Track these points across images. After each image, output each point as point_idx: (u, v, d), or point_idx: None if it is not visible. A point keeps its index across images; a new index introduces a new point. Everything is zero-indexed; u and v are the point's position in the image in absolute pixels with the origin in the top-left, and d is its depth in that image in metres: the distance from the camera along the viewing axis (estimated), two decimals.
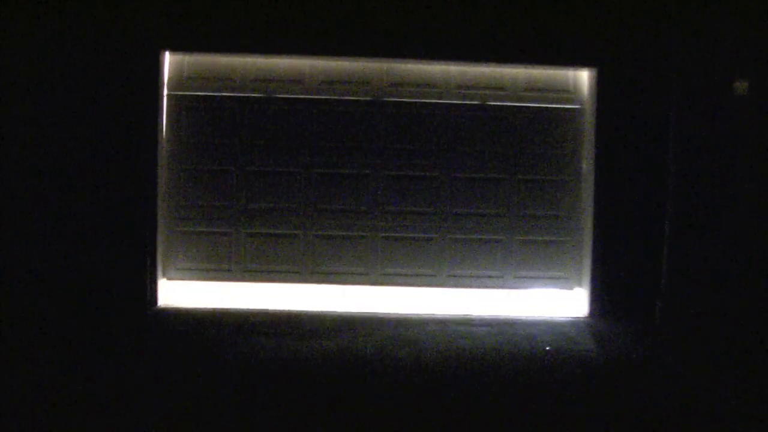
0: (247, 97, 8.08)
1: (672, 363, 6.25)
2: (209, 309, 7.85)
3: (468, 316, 7.93)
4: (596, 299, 7.90)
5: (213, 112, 8.08)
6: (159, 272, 7.93)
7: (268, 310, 7.90)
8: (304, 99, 8.09)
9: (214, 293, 8.16)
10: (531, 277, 8.37)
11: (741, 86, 7.33)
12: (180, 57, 7.96)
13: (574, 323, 7.72)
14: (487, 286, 8.46)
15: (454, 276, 8.36)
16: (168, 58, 7.93)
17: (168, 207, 8.06)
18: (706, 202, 7.43)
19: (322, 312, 7.89)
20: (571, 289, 8.37)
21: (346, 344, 6.69)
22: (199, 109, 8.08)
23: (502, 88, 8.16)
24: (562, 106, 8.16)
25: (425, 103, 8.14)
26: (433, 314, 7.99)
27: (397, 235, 8.25)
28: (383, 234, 8.25)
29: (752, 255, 6.72)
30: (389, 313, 7.94)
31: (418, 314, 7.97)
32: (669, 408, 5.34)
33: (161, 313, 7.62)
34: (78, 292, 7.52)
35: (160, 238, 7.94)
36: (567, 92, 8.17)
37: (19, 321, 6.99)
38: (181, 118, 8.06)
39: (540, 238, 8.28)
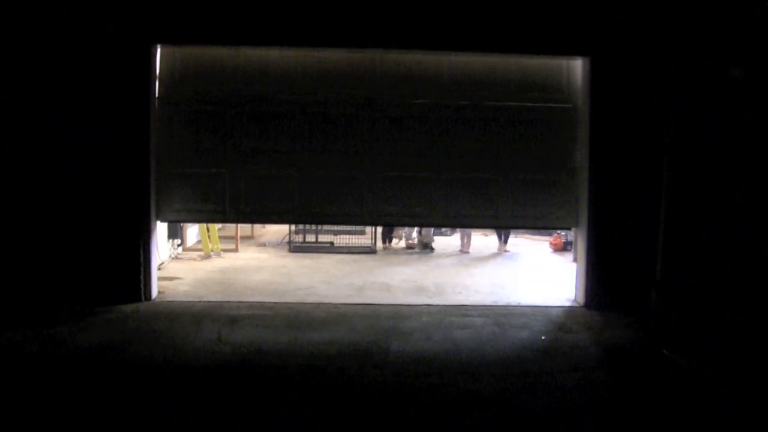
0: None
1: (668, 353, 6.08)
2: (204, 302, 7.68)
3: (464, 306, 7.77)
4: (591, 289, 7.70)
5: (206, 55, 7.78)
6: (153, 214, 7.63)
7: (263, 302, 7.73)
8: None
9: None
10: (527, 216, 8.07)
11: (738, 73, 7.14)
12: None
13: (570, 313, 7.55)
14: (482, 226, 8.22)
15: (450, 215, 8.08)
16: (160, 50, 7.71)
17: (162, 148, 7.71)
18: (702, 191, 7.24)
19: (317, 304, 7.72)
20: (569, 229, 8.19)
21: (341, 336, 6.50)
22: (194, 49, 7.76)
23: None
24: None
25: None
26: (428, 305, 7.84)
27: (391, 174, 7.93)
28: (378, 174, 7.92)
29: (749, 245, 6.56)
30: (384, 305, 7.78)
31: (413, 305, 7.82)
32: (665, 396, 5.18)
33: (155, 307, 7.41)
34: (66, 282, 7.34)
35: (155, 180, 7.62)
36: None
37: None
38: (176, 58, 7.73)
39: (536, 177, 7.95)
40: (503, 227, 9.10)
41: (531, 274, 9.89)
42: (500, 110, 7.91)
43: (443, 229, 13.51)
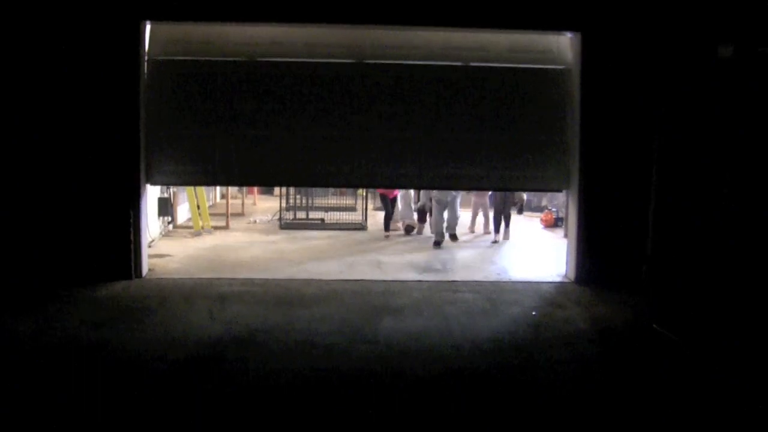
0: None
1: (658, 327, 6.06)
2: (195, 279, 7.61)
3: (454, 282, 7.74)
4: (582, 265, 7.68)
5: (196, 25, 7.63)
6: (143, 178, 7.50)
7: (254, 279, 7.67)
8: None
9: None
10: (518, 178, 7.98)
11: (726, 50, 7.06)
12: None
13: (560, 288, 7.52)
14: (473, 187, 8.27)
15: (440, 177, 7.95)
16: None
17: (151, 110, 7.55)
18: (691, 166, 7.19)
19: (308, 280, 7.67)
20: (560, 191, 8.19)
21: (332, 313, 6.45)
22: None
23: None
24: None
25: None
26: (419, 281, 7.80)
27: (382, 135, 7.77)
28: (368, 135, 7.76)
29: (739, 220, 6.52)
30: (375, 281, 7.74)
31: (404, 281, 7.78)
32: (656, 370, 5.16)
33: (145, 284, 7.34)
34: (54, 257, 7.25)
35: (144, 142, 7.46)
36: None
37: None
38: (165, 29, 7.59)
39: (527, 138, 7.84)
40: (493, 189, 8.91)
41: (522, 250, 9.86)
42: (491, 71, 7.81)
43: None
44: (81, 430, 4.01)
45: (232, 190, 13.36)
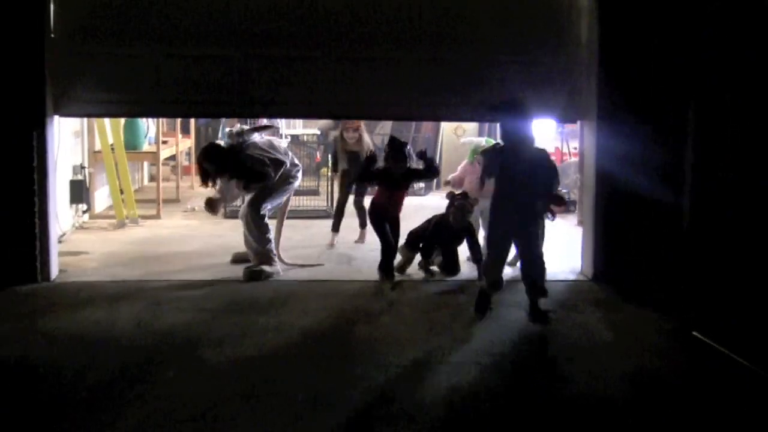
0: None
1: (700, 336, 6.03)
2: (119, 281, 7.48)
3: (443, 281, 7.70)
4: (601, 258, 7.61)
5: None
6: (49, 107, 7.20)
7: (194, 280, 7.58)
8: None
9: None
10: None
11: None
12: None
13: (575, 288, 7.51)
14: (458, 119, 8.66)
15: (419, 105, 7.84)
16: None
17: (64, 21, 7.23)
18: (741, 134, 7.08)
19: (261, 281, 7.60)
20: (575, 122, 8.13)
21: (292, 320, 6.35)
22: None
23: None
24: None
25: None
26: (400, 280, 7.73)
27: (353, 56, 7.53)
28: (337, 54, 7.51)
29: None
30: (346, 281, 7.69)
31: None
32: (702, 391, 5.15)
33: (56, 289, 7.19)
34: None
35: (52, 62, 7.13)
36: None
37: None
38: None
39: (526, 59, 7.62)
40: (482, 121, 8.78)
41: None
42: None
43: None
44: None
45: (164, 170, 13.16)
